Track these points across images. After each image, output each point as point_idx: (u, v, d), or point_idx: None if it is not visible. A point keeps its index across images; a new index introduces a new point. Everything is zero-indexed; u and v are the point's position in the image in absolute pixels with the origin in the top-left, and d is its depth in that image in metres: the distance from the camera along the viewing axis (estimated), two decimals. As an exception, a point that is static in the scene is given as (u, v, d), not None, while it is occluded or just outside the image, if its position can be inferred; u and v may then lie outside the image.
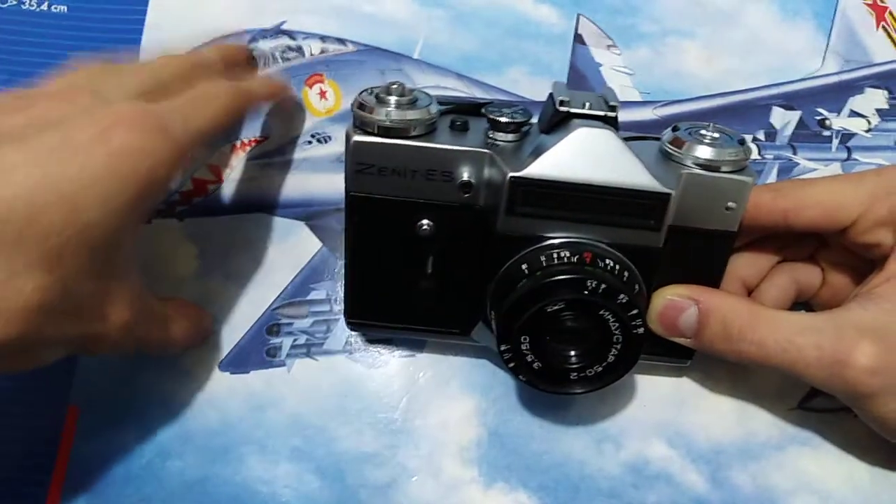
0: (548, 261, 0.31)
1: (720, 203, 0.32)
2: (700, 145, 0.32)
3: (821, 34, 0.45)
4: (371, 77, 0.44)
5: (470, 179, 0.32)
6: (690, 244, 0.32)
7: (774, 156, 0.43)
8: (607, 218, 0.31)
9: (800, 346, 0.31)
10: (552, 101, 0.32)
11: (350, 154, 0.32)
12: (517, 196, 0.31)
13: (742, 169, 0.32)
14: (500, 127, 0.32)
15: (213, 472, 0.37)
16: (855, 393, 0.32)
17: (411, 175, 0.32)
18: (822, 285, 0.38)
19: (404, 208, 0.33)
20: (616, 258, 0.32)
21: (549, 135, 0.32)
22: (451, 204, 0.32)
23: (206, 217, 0.41)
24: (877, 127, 0.44)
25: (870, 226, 0.33)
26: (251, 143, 0.42)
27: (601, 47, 0.45)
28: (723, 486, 0.37)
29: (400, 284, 0.35)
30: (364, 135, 0.31)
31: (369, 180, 0.32)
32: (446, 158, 0.32)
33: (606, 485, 0.37)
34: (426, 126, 0.32)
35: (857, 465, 0.38)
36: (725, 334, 0.32)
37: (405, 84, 0.32)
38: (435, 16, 0.46)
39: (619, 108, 0.32)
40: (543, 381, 0.32)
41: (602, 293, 0.30)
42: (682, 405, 0.38)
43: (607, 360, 0.32)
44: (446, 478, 0.37)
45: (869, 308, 0.32)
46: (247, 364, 0.39)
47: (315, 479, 0.37)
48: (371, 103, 0.31)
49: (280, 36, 0.45)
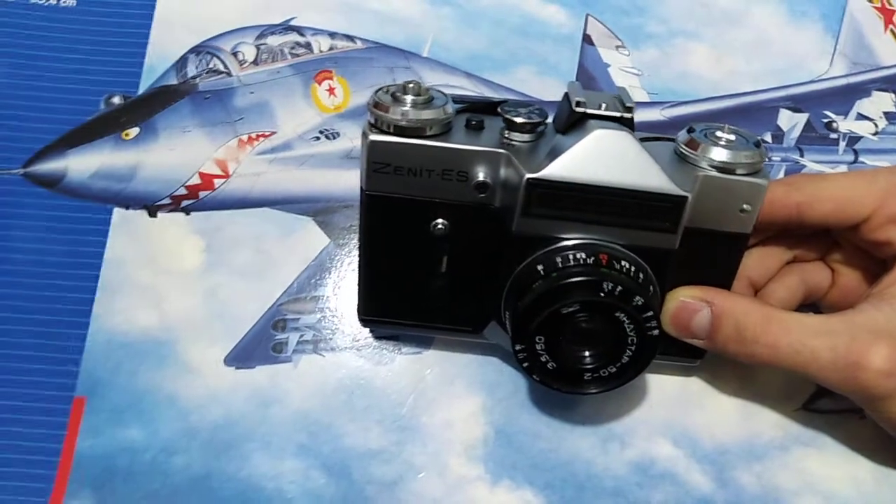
0: (563, 262, 0.31)
1: (735, 205, 0.32)
2: (715, 147, 0.31)
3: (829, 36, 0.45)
4: (380, 74, 0.44)
5: (486, 180, 0.32)
6: (704, 245, 0.32)
7: (782, 158, 0.43)
8: (623, 220, 0.31)
9: (813, 349, 0.31)
10: (568, 101, 0.32)
11: (366, 153, 0.32)
12: (533, 197, 0.31)
13: (757, 171, 0.32)
14: (516, 127, 0.32)
15: (218, 468, 0.37)
16: (870, 395, 0.32)
17: (427, 174, 0.32)
18: (831, 286, 0.38)
19: (420, 207, 0.33)
20: (631, 260, 0.31)
21: (566, 135, 0.32)
22: (467, 204, 0.32)
23: (212, 211, 0.41)
24: (884, 130, 0.44)
25: (882, 222, 0.33)
26: (258, 137, 0.42)
27: (610, 48, 0.45)
28: (728, 486, 0.37)
29: (413, 282, 0.35)
30: (380, 134, 0.31)
31: (385, 179, 0.32)
32: (462, 158, 0.31)
33: (612, 484, 0.37)
34: (442, 126, 0.31)
35: (862, 466, 0.38)
36: (738, 337, 0.32)
37: (421, 83, 0.32)
38: (443, 14, 0.46)
39: (635, 111, 0.32)
40: (557, 381, 0.32)
41: (618, 295, 0.30)
42: (688, 405, 0.38)
43: (621, 361, 0.32)
44: (452, 475, 0.37)
45: (883, 309, 0.32)
46: (252, 359, 0.39)
47: (321, 476, 0.37)
48: (387, 102, 0.31)
49: (289, 32, 0.45)
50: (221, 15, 0.45)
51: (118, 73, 0.44)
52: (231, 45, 0.44)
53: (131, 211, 0.41)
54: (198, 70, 0.44)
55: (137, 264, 0.40)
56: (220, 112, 0.43)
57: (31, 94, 0.43)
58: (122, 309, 0.39)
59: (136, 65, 0.44)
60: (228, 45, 0.44)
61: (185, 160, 0.42)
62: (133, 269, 0.40)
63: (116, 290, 0.39)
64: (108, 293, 0.39)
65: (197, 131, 0.42)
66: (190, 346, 0.38)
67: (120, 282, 0.40)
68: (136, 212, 0.41)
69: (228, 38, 0.45)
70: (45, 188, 0.41)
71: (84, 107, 0.43)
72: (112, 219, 0.41)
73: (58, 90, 0.44)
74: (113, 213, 0.41)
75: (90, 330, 0.39)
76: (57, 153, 0.42)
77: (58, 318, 0.39)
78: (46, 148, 0.42)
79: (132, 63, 0.44)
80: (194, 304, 0.39)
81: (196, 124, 0.42)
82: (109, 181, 0.41)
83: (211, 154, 0.42)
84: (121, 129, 0.42)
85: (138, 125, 0.42)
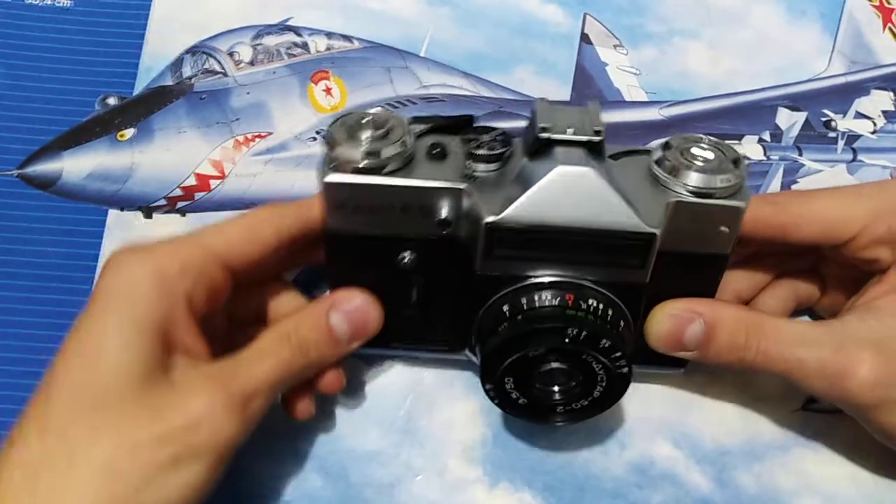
0: (529, 303, 0.30)
1: (712, 228, 0.30)
2: (690, 171, 0.30)
3: (827, 35, 0.45)
4: (377, 74, 0.43)
5: (447, 217, 0.30)
6: (681, 267, 0.31)
7: (780, 157, 0.43)
8: (590, 258, 0.30)
9: (801, 357, 0.31)
10: (534, 123, 0.30)
11: (323, 193, 0.30)
12: (494, 240, 0.30)
13: (736, 192, 0.30)
14: (478, 158, 0.31)
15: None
16: (856, 404, 0.32)
17: (388, 211, 0.30)
18: (822, 295, 0.38)
19: (384, 242, 0.31)
20: (600, 297, 0.31)
21: (531, 161, 0.30)
22: (432, 238, 0.31)
23: (208, 212, 0.41)
24: (882, 128, 0.44)
25: (868, 243, 0.33)
26: (255, 138, 0.42)
27: (608, 47, 0.45)
28: (727, 486, 0.37)
29: (385, 312, 0.33)
30: (336, 174, 0.30)
31: (346, 217, 0.31)
32: (422, 195, 0.30)
33: (611, 485, 0.37)
34: (402, 159, 0.30)
35: (862, 467, 0.38)
36: (732, 345, 0.32)
37: (377, 114, 0.30)
38: (441, 14, 0.46)
39: (605, 133, 0.29)
40: (529, 415, 0.33)
41: (583, 340, 0.29)
42: (687, 406, 0.38)
43: (592, 396, 0.32)
44: (451, 477, 0.37)
45: (868, 320, 0.32)
46: (250, 361, 0.38)
47: (318, 478, 0.36)
48: (342, 140, 0.30)
49: (286, 32, 0.45)
50: (217, 15, 0.45)
51: (113, 73, 0.44)
52: (227, 46, 0.44)
53: (127, 212, 0.41)
54: (194, 70, 0.44)
55: (133, 266, 0.40)
56: (216, 112, 0.43)
57: (26, 94, 0.43)
58: (118, 311, 0.39)
59: (131, 65, 0.44)
60: (225, 46, 0.44)
61: (180, 161, 0.41)
62: (129, 270, 0.40)
63: (112, 292, 0.39)
64: (104, 295, 0.39)
65: (193, 132, 0.42)
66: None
67: (116, 283, 0.39)
68: (131, 213, 0.41)
69: (225, 39, 0.44)
70: (40, 189, 0.41)
71: (79, 108, 0.43)
72: (107, 220, 0.41)
73: (53, 91, 0.43)
74: (108, 215, 0.41)
75: (86, 332, 0.38)
76: (52, 154, 0.42)
77: (53, 320, 0.38)
78: (41, 149, 0.42)
79: (128, 64, 0.44)
80: (191, 306, 0.39)
81: (192, 125, 0.42)
82: (105, 182, 0.41)
83: (207, 155, 0.42)
84: (116, 130, 0.42)
85: (134, 126, 0.42)
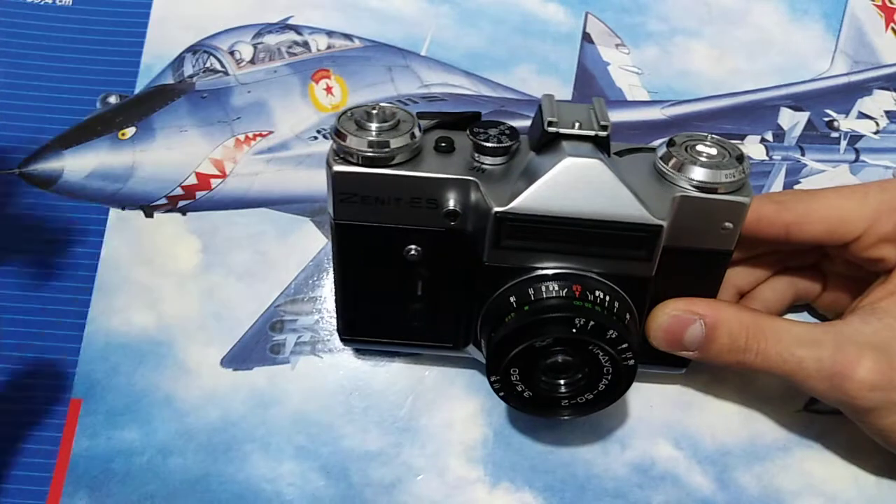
0: (536, 294, 0.30)
1: (715, 224, 0.30)
2: (695, 166, 0.30)
3: (829, 35, 0.45)
4: (378, 73, 0.43)
5: (455, 208, 0.30)
6: (684, 263, 0.31)
7: (783, 157, 0.43)
8: (597, 249, 0.30)
9: (800, 358, 0.31)
10: (541, 118, 0.30)
11: (331, 183, 0.31)
12: (503, 230, 0.30)
13: (740, 188, 0.30)
14: (486, 151, 0.31)
15: (215, 470, 0.36)
16: (855, 406, 0.32)
17: (396, 202, 0.30)
18: (823, 291, 0.38)
19: (391, 234, 0.31)
20: (606, 289, 0.31)
21: (539, 155, 0.31)
22: (439, 230, 0.31)
23: (209, 211, 0.41)
24: (885, 129, 0.44)
25: (873, 242, 0.33)
26: (256, 137, 0.42)
27: (610, 46, 0.45)
28: (728, 487, 0.37)
29: (391, 305, 0.34)
30: (345, 164, 0.30)
31: (353, 208, 0.31)
32: (431, 187, 0.30)
33: (612, 485, 0.37)
34: (410, 151, 0.30)
35: (863, 467, 0.38)
36: (732, 346, 0.32)
37: (386, 106, 0.31)
38: (442, 13, 0.45)
39: (611, 128, 0.30)
40: (534, 408, 0.32)
41: (591, 331, 0.29)
42: (689, 406, 0.38)
43: (598, 389, 0.32)
44: (452, 477, 0.37)
45: (870, 322, 0.32)
46: (250, 361, 0.38)
47: (319, 478, 0.36)
48: (351, 130, 0.30)
49: (286, 31, 0.45)
50: (218, 14, 0.45)
51: (115, 72, 0.44)
52: (228, 44, 0.44)
53: (128, 211, 0.41)
54: (195, 69, 0.44)
55: (134, 265, 0.40)
56: (217, 111, 0.42)
57: (27, 93, 0.43)
58: (118, 310, 0.39)
59: (132, 64, 0.44)
60: (225, 44, 0.44)
61: (181, 160, 0.41)
62: (129, 269, 0.40)
63: (113, 291, 0.39)
64: (105, 294, 0.39)
65: (194, 131, 0.42)
66: (187, 347, 0.38)
67: (116, 283, 0.39)
68: (132, 212, 0.41)
69: (225, 37, 0.44)
70: (41, 188, 0.41)
71: (80, 106, 0.43)
72: (108, 219, 0.41)
73: (54, 90, 0.43)
74: (109, 214, 0.41)
75: (86, 331, 0.38)
76: (53, 153, 0.41)
77: (54, 318, 0.38)
78: (43, 148, 0.42)
79: (129, 62, 0.44)
80: (191, 305, 0.39)
81: (193, 124, 0.42)
82: (106, 181, 0.41)
83: (208, 154, 0.42)
84: (117, 128, 0.42)
85: (135, 125, 0.42)
